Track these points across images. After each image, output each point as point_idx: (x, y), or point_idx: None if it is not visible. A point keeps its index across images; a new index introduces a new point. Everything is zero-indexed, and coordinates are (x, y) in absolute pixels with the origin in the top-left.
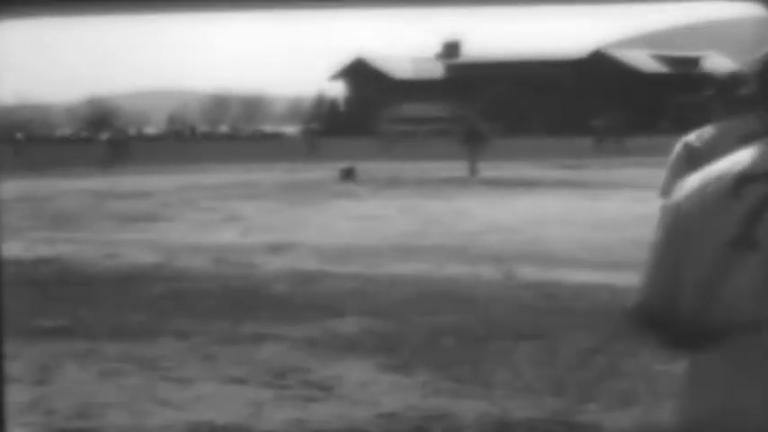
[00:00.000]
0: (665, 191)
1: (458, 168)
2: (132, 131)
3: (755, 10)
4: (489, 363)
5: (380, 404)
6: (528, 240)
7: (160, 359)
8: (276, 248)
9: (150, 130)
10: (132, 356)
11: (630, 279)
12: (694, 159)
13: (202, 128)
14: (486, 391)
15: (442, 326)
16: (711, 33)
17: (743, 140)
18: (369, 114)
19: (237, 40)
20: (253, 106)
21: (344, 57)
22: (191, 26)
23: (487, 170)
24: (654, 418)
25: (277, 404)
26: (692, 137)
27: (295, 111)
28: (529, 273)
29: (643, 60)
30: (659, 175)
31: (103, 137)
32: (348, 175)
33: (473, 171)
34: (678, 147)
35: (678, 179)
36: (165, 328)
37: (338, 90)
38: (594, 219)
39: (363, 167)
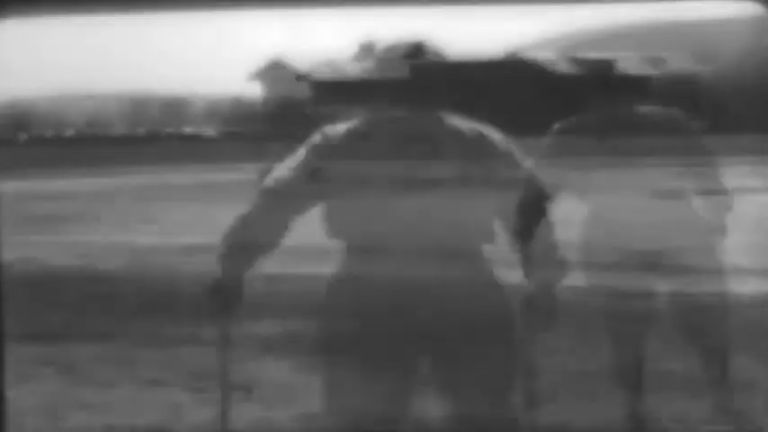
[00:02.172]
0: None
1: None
2: (50, 134)
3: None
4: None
5: (298, 405)
6: None
7: (78, 362)
8: (195, 250)
9: (69, 132)
10: (50, 360)
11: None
12: (333, 148)
13: (121, 130)
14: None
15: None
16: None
17: (407, 138)
18: (288, 116)
19: (158, 42)
20: (173, 108)
21: (262, 57)
22: (109, 29)
23: None
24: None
25: (197, 406)
26: (331, 128)
27: (214, 112)
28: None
29: (554, 63)
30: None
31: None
32: (266, 175)
33: None
34: (316, 136)
35: (309, 165)
36: (84, 332)
37: (257, 91)
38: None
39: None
